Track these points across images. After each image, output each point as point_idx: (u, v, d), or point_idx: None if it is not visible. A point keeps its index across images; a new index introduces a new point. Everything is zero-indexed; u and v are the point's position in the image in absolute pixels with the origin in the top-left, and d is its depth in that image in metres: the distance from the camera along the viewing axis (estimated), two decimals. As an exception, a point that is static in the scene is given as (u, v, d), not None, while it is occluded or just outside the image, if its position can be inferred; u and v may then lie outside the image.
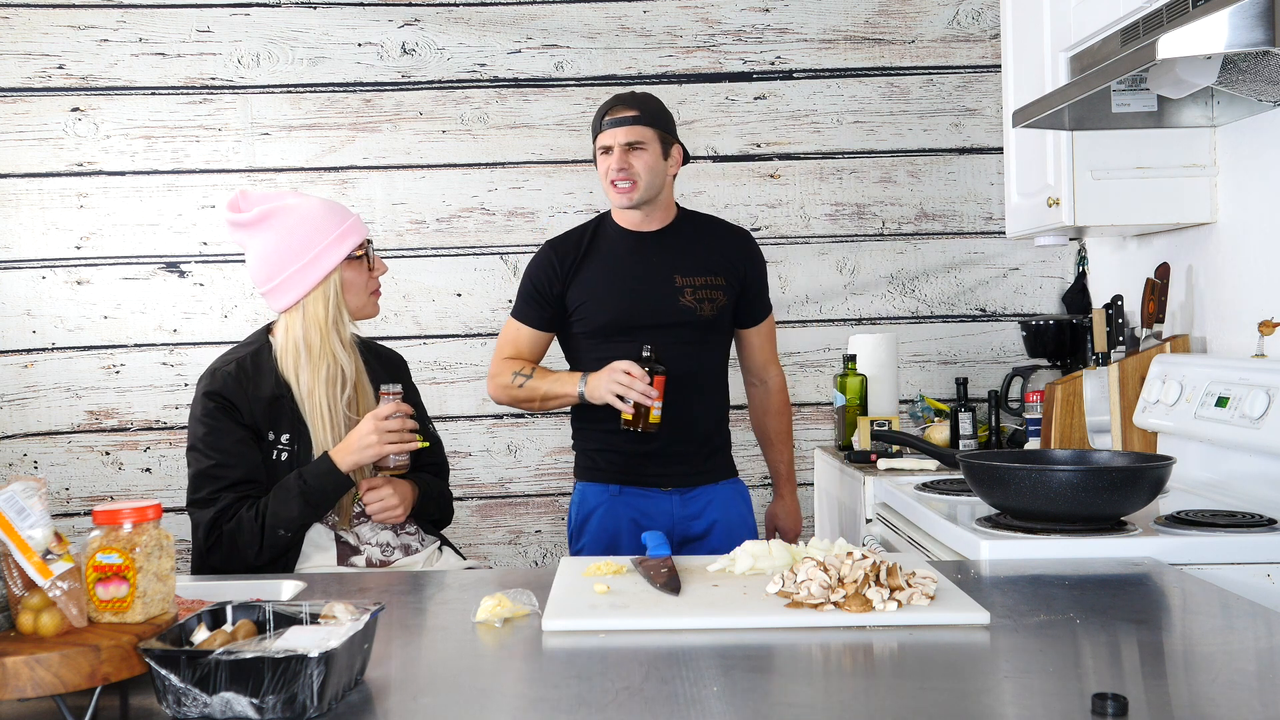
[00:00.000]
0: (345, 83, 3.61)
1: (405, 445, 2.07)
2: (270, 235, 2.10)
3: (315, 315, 2.11)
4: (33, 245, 3.58)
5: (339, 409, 2.11)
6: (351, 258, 2.14)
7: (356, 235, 2.14)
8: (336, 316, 2.12)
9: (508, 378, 2.57)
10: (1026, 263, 3.68)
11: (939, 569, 1.72)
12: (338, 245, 2.11)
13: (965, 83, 3.65)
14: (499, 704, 1.17)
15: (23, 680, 1.08)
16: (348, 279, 2.14)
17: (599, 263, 2.57)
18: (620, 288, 2.55)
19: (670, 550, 1.79)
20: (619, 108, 2.53)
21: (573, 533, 2.65)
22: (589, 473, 2.63)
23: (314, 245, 2.09)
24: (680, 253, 2.59)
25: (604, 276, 2.56)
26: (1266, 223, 2.41)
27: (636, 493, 2.58)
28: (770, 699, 1.15)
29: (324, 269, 2.10)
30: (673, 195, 2.65)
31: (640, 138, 2.50)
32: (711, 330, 2.59)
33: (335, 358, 2.11)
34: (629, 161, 2.49)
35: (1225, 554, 1.81)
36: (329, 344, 2.11)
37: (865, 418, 3.19)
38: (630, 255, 2.57)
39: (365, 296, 2.18)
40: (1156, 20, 2.06)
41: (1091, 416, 2.65)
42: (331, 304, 2.11)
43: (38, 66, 3.56)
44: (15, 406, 3.58)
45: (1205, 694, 1.19)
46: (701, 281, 2.57)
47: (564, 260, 2.57)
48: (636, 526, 2.55)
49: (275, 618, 1.26)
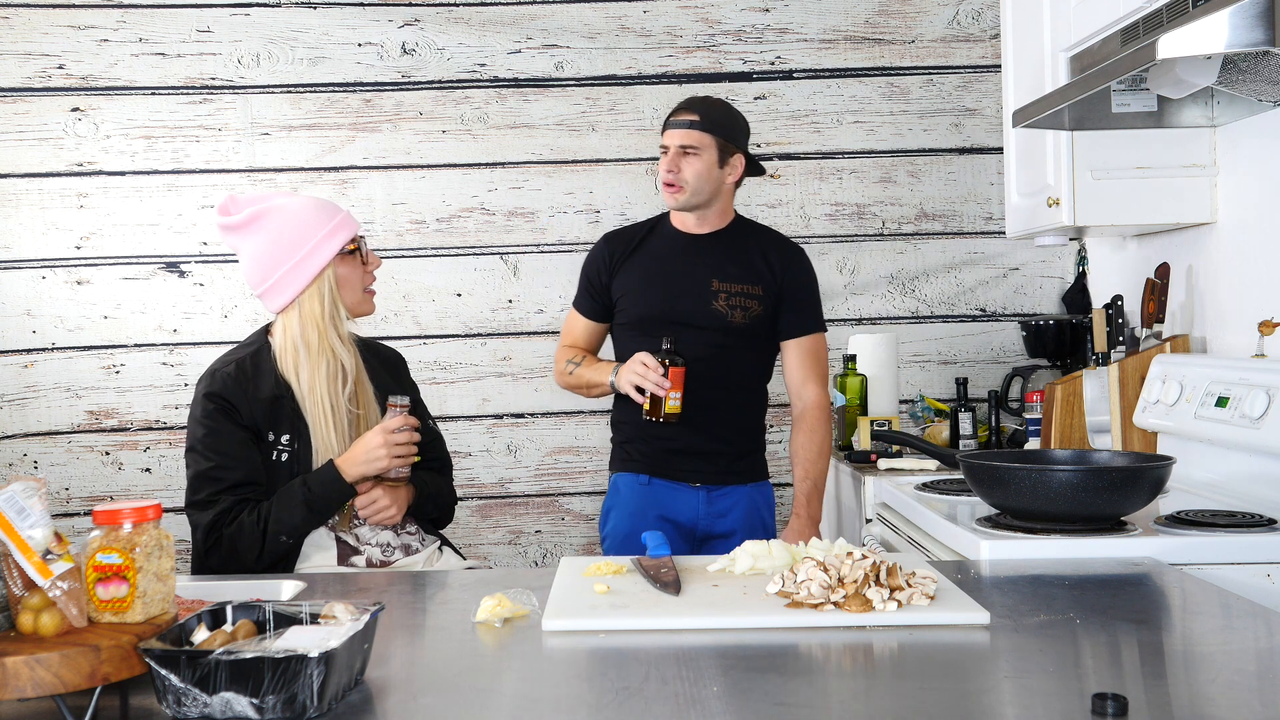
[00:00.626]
0: (345, 83, 3.61)
1: (410, 459, 2.10)
2: (261, 236, 2.10)
3: (312, 312, 2.11)
4: (33, 245, 3.58)
5: (341, 405, 2.11)
6: (345, 254, 2.13)
7: (347, 230, 2.13)
8: (333, 312, 2.12)
9: (562, 364, 2.70)
10: (1026, 263, 3.68)
11: (939, 569, 1.72)
12: (329, 241, 2.10)
13: (965, 83, 3.65)
14: (499, 704, 1.17)
15: (23, 680, 1.08)
16: (342, 275, 2.13)
17: (645, 259, 2.64)
18: (658, 284, 2.61)
19: (670, 550, 1.79)
20: (682, 110, 2.58)
21: (601, 519, 2.71)
22: (622, 463, 2.68)
23: (305, 243, 2.09)
24: (723, 258, 2.62)
25: (646, 272, 2.63)
26: (1266, 223, 2.41)
27: (665, 485, 2.61)
28: (770, 699, 1.15)
29: (316, 265, 2.09)
30: (731, 202, 2.67)
31: (695, 143, 2.53)
32: (744, 337, 2.60)
33: (334, 354, 2.11)
34: (679, 165, 2.54)
35: (1225, 554, 1.81)
36: (327, 340, 2.11)
37: (865, 418, 3.19)
38: (675, 255, 2.63)
39: (361, 293, 2.17)
40: (1156, 20, 2.06)
41: (1091, 416, 2.65)
42: (327, 300, 2.11)
43: (38, 66, 3.56)
44: (15, 406, 3.58)
45: (1205, 694, 1.19)
46: (739, 289, 2.59)
47: (614, 253, 2.66)
48: (661, 518, 2.60)
49: (275, 618, 1.26)
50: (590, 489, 3.65)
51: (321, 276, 2.11)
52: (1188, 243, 2.72)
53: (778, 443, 3.70)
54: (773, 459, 3.69)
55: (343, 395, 2.12)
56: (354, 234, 2.15)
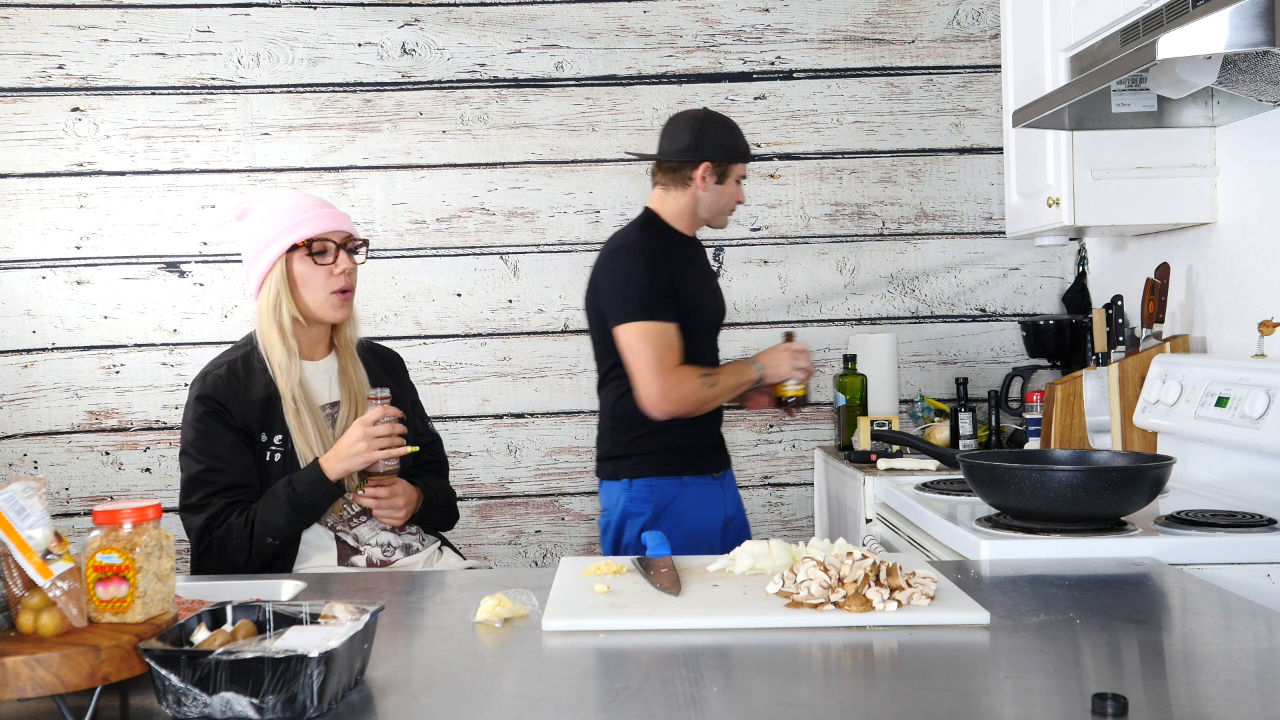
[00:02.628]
0: (345, 83, 3.61)
1: (394, 451, 2.05)
2: (246, 225, 2.15)
3: (262, 302, 2.12)
4: (33, 245, 3.58)
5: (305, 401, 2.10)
6: (308, 253, 2.10)
7: (309, 229, 2.09)
8: (276, 305, 2.10)
9: (695, 382, 2.57)
10: (1026, 263, 3.68)
11: (939, 569, 1.72)
12: (283, 236, 2.09)
13: (965, 83, 3.65)
14: (499, 704, 1.17)
15: (23, 680, 1.08)
16: (300, 273, 2.11)
17: (678, 255, 2.68)
18: (706, 281, 2.77)
19: (670, 550, 1.79)
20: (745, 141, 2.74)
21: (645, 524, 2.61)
22: (663, 467, 2.63)
23: (265, 235, 2.10)
24: (702, 254, 2.85)
25: (691, 270, 2.71)
26: (1266, 223, 2.41)
27: (699, 482, 2.68)
28: (770, 699, 1.15)
29: (268, 259, 2.10)
30: None
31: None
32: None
33: (279, 348, 2.09)
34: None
35: (1225, 554, 1.81)
36: (272, 332, 2.10)
37: (865, 418, 3.19)
38: (693, 255, 2.76)
39: (324, 294, 2.12)
40: (1156, 20, 2.06)
41: (1091, 416, 2.65)
42: (273, 294, 2.10)
43: (38, 66, 3.56)
44: (15, 406, 3.58)
45: (1205, 694, 1.19)
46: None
47: (667, 250, 2.66)
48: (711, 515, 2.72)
49: (275, 618, 1.26)
50: (590, 489, 3.65)
51: (273, 269, 2.10)
52: (1188, 243, 2.72)
53: (777, 442, 3.70)
54: (772, 458, 3.70)
55: (300, 389, 2.10)
56: (318, 232, 2.10)
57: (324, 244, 2.11)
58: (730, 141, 2.68)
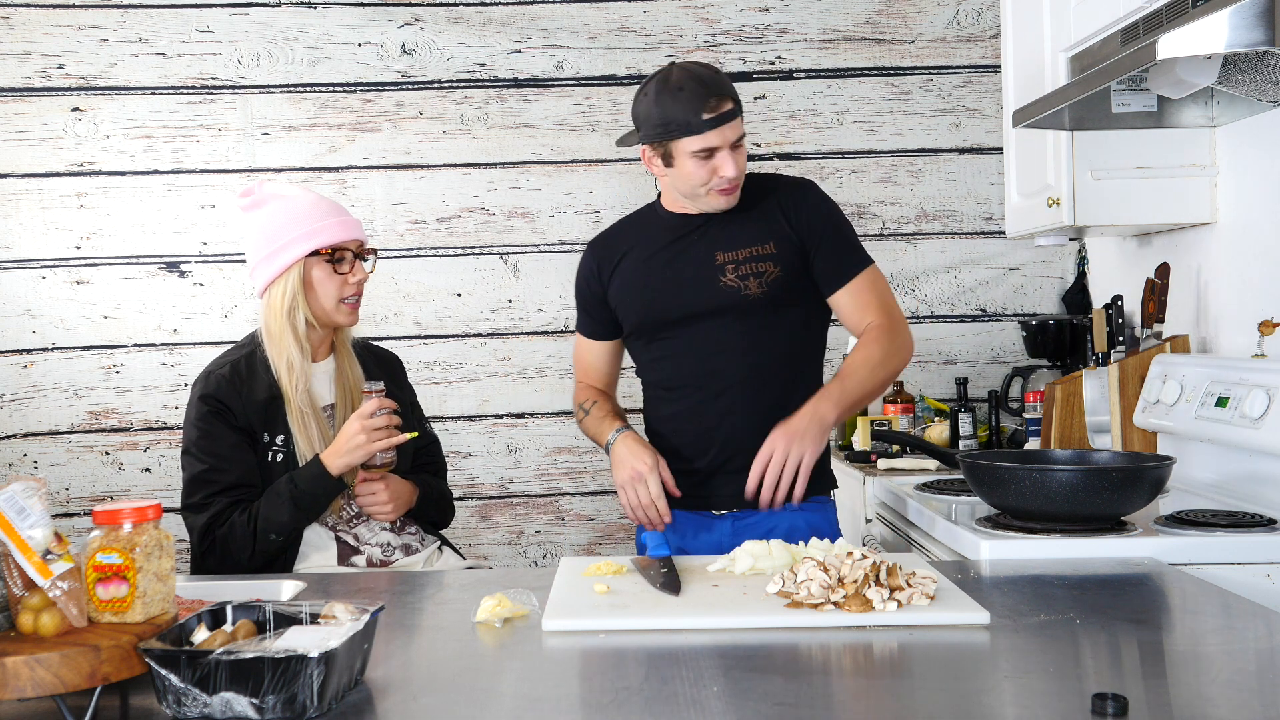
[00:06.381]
0: (345, 83, 3.61)
1: (393, 440, 2.06)
2: (257, 219, 2.14)
3: (273, 303, 2.12)
4: (33, 245, 3.58)
5: (309, 400, 2.11)
6: (326, 259, 2.11)
7: (330, 236, 2.11)
8: (291, 307, 2.10)
9: (577, 410, 2.29)
10: (1026, 263, 3.68)
11: (939, 569, 1.72)
12: (304, 240, 2.09)
13: (965, 83, 3.65)
14: (499, 704, 1.17)
15: (23, 680, 1.08)
16: (316, 278, 2.11)
17: (637, 254, 2.20)
18: (650, 281, 2.17)
19: (670, 550, 1.79)
20: (715, 100, 2.03)
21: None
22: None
23: (283, 236, 2.10)
24: (724, 225, 2.15)
25: (640, 269, 2.19)
26: (1266, 223, 2.41)
27: (684, 517, 2.15)
28: (770, 699, 1.15)
29: (286, 260, 2.09)
30: None
31: (741, 130, 2.09)
32: (767, 311, 2.12)
33: (291, 347, 2.10)
34: (741, 162, 2.08)
35: (1225, 554, 1.81)
36: (286, 333, 2.10)
37: (865, 418, 3.19)
38: (669, 240, 2.18)
39: (334, 302, 2.13)
40: (1156, 20, 2.06)
41: (1091, 416, 2.65)
42: (288, 296, 2.10)
43: (38, 66, 3.56)
44: (15, 406, 3.58)
45: (1205, 694, 1.19)
46: (745, 254, 2.11)
47: (601, 260, 2.24)
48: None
49: (275, 618, 1.26)
50: (590, 489, 3.65)
51: (289, 271, 2.10)
52: (1188, 243, 2.72)
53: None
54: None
55: (305, 390, 2.11)
56: (336, 241, 2.12)
57: (343, 252, 2.13)
58: (661, 117, 2.06)
